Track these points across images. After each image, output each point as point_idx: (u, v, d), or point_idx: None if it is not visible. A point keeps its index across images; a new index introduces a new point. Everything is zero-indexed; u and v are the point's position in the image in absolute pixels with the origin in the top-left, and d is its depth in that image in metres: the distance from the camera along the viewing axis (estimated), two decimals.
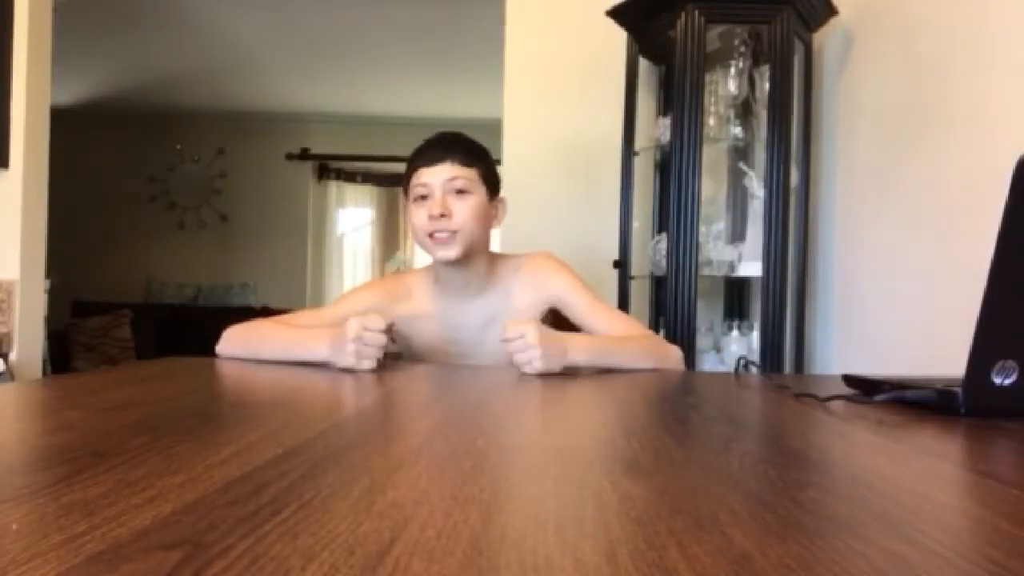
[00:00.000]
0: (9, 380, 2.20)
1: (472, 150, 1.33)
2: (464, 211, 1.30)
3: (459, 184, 1.29)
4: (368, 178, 6.70)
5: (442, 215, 1.28)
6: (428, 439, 0.60)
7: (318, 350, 1.16)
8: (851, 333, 2.10)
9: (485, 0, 3.34)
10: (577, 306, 1.37)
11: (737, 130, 2.21)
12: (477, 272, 1.37)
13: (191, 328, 5.64)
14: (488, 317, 1.39)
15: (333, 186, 6.67)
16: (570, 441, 0.62)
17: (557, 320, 1.44)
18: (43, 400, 0.80)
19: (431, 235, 1.30)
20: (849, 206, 2.12)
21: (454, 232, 1.29)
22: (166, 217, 6.42)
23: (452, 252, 1.30)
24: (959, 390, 0.75)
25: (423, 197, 1.30)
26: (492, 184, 1.36)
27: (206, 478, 0.43)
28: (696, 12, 2.01)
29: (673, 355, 1.31)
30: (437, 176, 1.29)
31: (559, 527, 0.35)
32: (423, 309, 1.40)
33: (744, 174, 2.22)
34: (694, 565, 0.30)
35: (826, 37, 2.25)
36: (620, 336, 1.31)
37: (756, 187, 2.14)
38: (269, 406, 0.80)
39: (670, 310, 2.04)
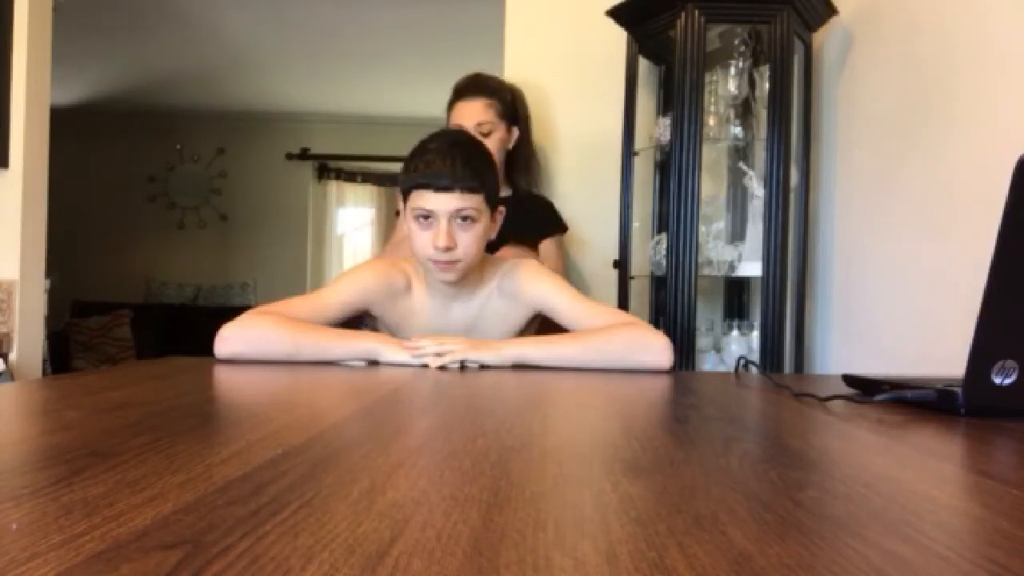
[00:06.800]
0: (9, 380, 2.20)
1: (478, 169, 1.28)
2: (469, 241, 1.29)
3: (465, 213, 1.27)
4: (368, 178, 6.70)
5: (448, 248, 1.27)
6: (428, 439, 0.60)
7: (362, 344, 1.23)
8: (851, 333, 2.10)
9: (485, 0, 3.34)
10: (559, 308, 1.36)
11: (737, 130, 2.21)
12: (467, 283, 1.38)
13: (191, 328, 5.64)
14: (471, 321, 1.40)
15: (333, 186, 6.67)
16: (570, 441, 0.62)
17: (544, 325, 1.45)
18: (43, 400, 0.80)
19: (432, 259, 1.30)
20: (849, 206, 2.12)
21: (457, 261, 1.29)
22: (166, 217, 6.42)
23: (452, 277, 1.32)
24: (959, 390, 0.75)
25: (425, 218, 1.28)
26: (494, 201, 1.35)
27: (206, 478, 0.43)
28: (696, 12, 2.01)
29: (652, 343, 1.25)
30: (443, 205, 1.26)
31: (559, 527, 0.35)
32: (414, 306, 1.41)
33: (744, 174, 2.22)
34: (694, 565, 0.30)
35: (826, 37, 2.24)
36: (591, 329, 1.30)
37: (756, 187, 2.13)
38: (269, 406, 0.80)
39: (670, 310, 2.04)
